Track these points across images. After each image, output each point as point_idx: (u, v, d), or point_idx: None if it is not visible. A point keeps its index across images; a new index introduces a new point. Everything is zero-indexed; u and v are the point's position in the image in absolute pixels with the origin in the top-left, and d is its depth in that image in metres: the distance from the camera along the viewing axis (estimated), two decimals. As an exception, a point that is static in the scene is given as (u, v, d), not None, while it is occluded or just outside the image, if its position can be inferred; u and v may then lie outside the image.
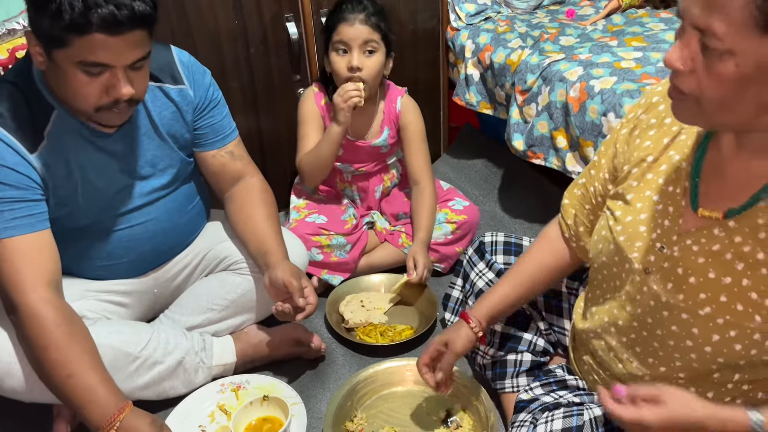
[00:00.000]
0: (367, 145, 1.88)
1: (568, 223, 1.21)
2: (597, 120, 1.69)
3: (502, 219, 2.17)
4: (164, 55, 1.40)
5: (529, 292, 1.25)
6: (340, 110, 1.71)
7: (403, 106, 1.88)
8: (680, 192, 0.96)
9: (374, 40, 1.73)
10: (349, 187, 1.97)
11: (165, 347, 1.43)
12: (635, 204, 1.02)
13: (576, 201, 1.19)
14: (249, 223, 1.53)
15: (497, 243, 1.48)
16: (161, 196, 1.46)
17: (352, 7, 1.73)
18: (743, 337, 0.89)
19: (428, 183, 1.89)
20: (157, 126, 1.40)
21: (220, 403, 1.45)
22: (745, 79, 0.76)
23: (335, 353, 1.65)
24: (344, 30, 1.72)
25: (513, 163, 2.28)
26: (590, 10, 2.33)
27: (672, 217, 0.96)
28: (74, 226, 1.36)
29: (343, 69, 1.74)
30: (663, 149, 1.00)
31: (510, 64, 2.01)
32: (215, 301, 1.54)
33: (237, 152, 1.55)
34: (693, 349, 0.94)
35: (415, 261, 1.74)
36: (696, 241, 0.93)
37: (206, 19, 1.85)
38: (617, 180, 1.08)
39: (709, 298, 0.90)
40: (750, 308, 0.87)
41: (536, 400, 1.17)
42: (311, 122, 1.85)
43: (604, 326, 1.08)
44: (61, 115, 1.27)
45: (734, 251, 0.89)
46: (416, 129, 1.89)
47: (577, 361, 1.22)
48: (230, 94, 1.93)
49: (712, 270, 0.90)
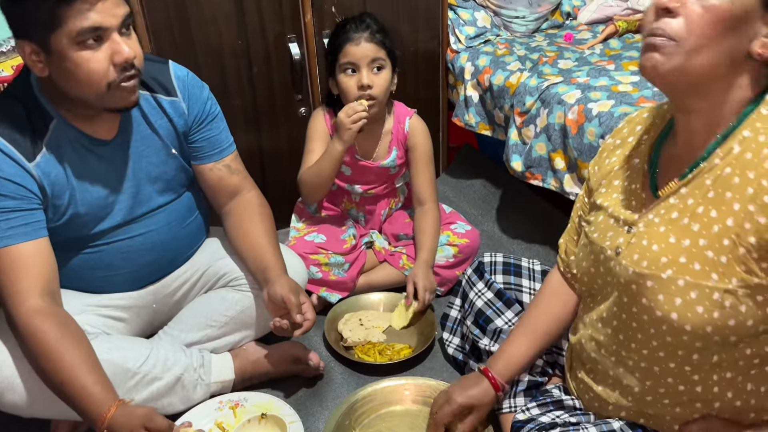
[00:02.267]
0: (376, 165, 1.88)
1: (562, 257, 1.27)
2: (595, 142, 1.71)
3: (501, 239, 2.18)
4: (160, 68, 1.43)
5: (546, 346, 1.29)
6: (346, 130, 1.71)
7: (411, 127, 1.89)
8: (638, 187, 1.07)
9: (381, 57, 1.74)
10: (356, 208, 1.97)
11: (164, 363, 1.42)
12: (604, 205, 1.12)
13: (567, 235, 1.27)
14: (247, 238, 1.53)
15: (496, 263, 1.49)
16: (161, 206, 1.46)
17: (356, 27, 1.74)
18: (703, 297, 0.93)
19: (433, 204, 1.89)
20: (158, 132, 1.42)
21: (218, 420, 1.45)
22: (727, 20, 0.86)
23: (334, 371, 1.65)
24: (351, 50, 1.72)
25: (511, 184, 2.29)
26: (588, 35, 2.36)
27: (635, 208, 1.06)
28: (74, 235, 1.37)
29: (353, 88, 1.74)
30: (626, 158, 1.12)
31: (509, 87, 2.03)
32: (214, 317, 1.54)
33: (234, 166, 1.56)
34: (663, 320, 0.97)
35: (416, 285, 1.74)
36: (656, 214, 1.01)
37: (210, 37, 1.87)
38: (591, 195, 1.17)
39: (670, 261, 0.96)
40: (707, 266, 0.92)
41: (533, 421, 1.17)
42: (318, 139, 1.85)
43: (593, 324, 1.12)
44: (59, 125, 1.29)
45: (690, 214, 0.95)
46: (424, 150, 1.90)
47: (573, 379, 1.23)
48: (232, 111, 1.95)
49: (672, 235, 0.97)
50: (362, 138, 1.79)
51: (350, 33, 1.73)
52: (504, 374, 1.26)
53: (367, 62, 1.72)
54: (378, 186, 1.92)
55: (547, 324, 1.27)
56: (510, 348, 1.27)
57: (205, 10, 1.84)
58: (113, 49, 1.19)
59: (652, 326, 1.00)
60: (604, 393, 1.12)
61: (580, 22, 2.49)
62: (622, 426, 1.08)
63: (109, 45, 1.19)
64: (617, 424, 1.08)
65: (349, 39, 1.73)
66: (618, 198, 1.10)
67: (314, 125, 1.87)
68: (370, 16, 1.79)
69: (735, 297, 0.91)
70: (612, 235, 1.07)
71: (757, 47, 0.88)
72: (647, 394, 1.06)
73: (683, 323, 0.95)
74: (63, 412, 1.35)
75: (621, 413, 1.10)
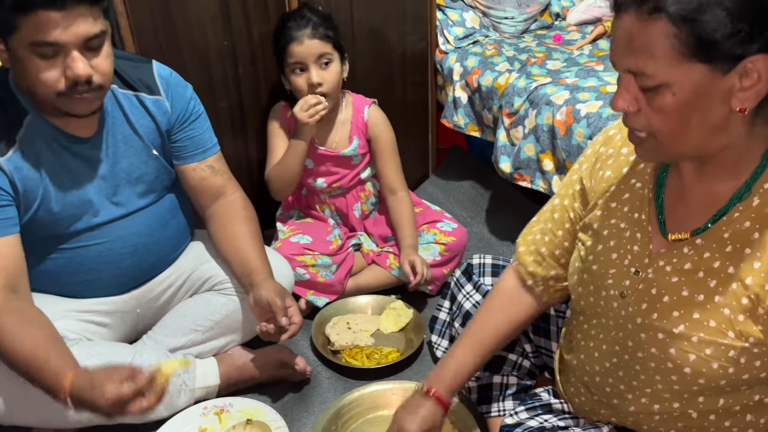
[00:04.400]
0: (336, 154, 1.88)
1: (530, 270, 1.18)
2: (583, 143, 1.70)
3: (490, 241, 2.17)
4: (143, 67, 1.43)
5: (492, 352, 1.22)
6: (305, 125, 1.72)
7: (371, 117, 1.88)
8: (645, 218, 0.99)
9: (327, 51, 1.73)
10: (328, 208, 1.96)
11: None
12: (602, 232, 1.03)
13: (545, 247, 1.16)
14: (232, 241, 1.51)
15: (485, 265, 1.48)
16: (141, 207, 1.45)
17: (297, 24, 1.72)
18: (719, 354, 0.89)
19: (404, 192, 1.92)
20: (139, 133, 1.40)
21: (203, 426, 1.43)
22: (685, 106, 0.80)
23: (321, 376, 1.63)
24: (296, 50, 1.72)
25: (500, 185, 2.28)
26: (577, 35, 2.36)
27: (641, 243, 0.98)
28: (50, 234, 1.35)
29: (304, 87, 1.74)
30: (624, 178, 1.03)
31: (497, 88, 2.02)
32: (199, 322, 1.52)
33: (218, 167, 1.55)
34: (672, 371, 0.94)
35: (412, 263, 1.73)
36: (668, 262, 0.94)
37: (195, 38, 1.85)
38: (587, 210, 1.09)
39: (682, 315, 0.91)
40: (723, 324, 0.88)
41: (521, 425, 1.16)
42: (279, 136, 1.86)
43: (589, 352, 1.08)
44: (35, 120, 1.28)
45: (705, 268, 0.90)
46: (387, 139, 1.90)
47: (563, 383, 1.21)
48: (219, 113, 1.93)
49: (685, 288, 0.91)
50: (321, 126, 1.81)
51: (293, 32, 1.72)
52: (449, 390, 1.18)
53: (314, 60, 1.72)
54: (342, 178, 1.91)
55: (498, 336, 1.20)
56: (456, 362, 1.19)
57: (189, 10, 1.82)
58: (68, 65, 1.17)
59: (658, 374, 0.96)
60: (597, 405, 1.10)
61: (569, 23, 2.49)
62: (611, 430, 1.07)
63: (64, 60, 1.17)
64: (606, 429, 1.07)
65: (292, 38, 1.72)
66: (621, 227, 1.01)
67: (273, 123, 1.88)
68: (309, 8, 1.77)
69: (750, 354, 0.88)
70: (615, 273, 1.00)
71: (736, 105, 0.80)
72: (642, 423, 1.03)
73: (697, 378, 0.92)
74: (45, 419, 1.34)
75: (611, 419, 1.09)
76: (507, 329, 1.21)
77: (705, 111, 0.81)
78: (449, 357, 1.21)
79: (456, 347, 1.21)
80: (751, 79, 0.78)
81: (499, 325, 1.20)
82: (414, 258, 1.74)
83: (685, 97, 0.80)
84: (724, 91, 0.79)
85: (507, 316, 1.21)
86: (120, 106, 1.38)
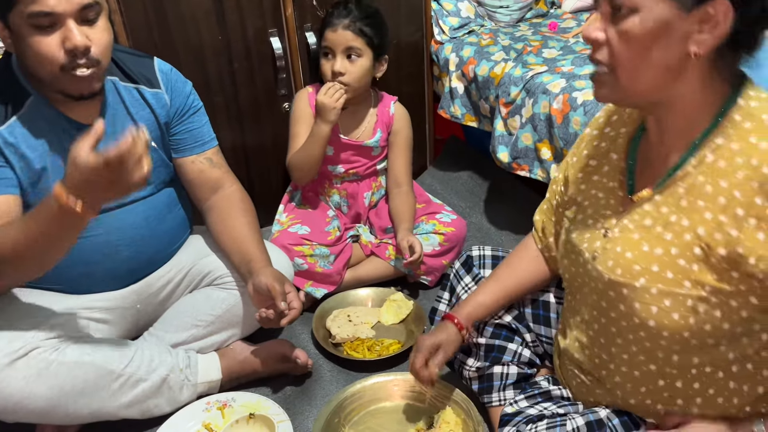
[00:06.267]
0: (359, 144, 1.91)
1: (539, 235, 1.28)
2: (580, 131, 1.70)
3: (489, 231, 2.17)
4: (145, 62, 1.46)
5: (509, 301, 1.31)
6: (331, 110, 1.76)
7: (396, 111, 1.95)
8: (617, 185, 1.05)
9: (357, 46, 1.78)
10: (338, 193, 1.97)
11: (149, 364, 1.41)
12: (583, 203, 1.10)
13: (544, 215, 1.28)
14: (232, 233, 1.52)
15: (485, 257, 1.47)
16: (138, 199, 1.45)
17: (338, 13, 1.80)
18: (677, 304, 0.92)
19: (410, 187, 1.98)
20: (139, 125, 1.40)
21: (206, 421, 1.43)
22: (647, 36, 0.86)
23: (322, 369, 1.64)
24: (329, 35, 1.79)
25: (498, 175, 2.28)
26: (573, 23, 2.35)
27: (612, 207, 1.04)
28: None
29: (328, 72, 1.80)
30: (604, 152, 1.10)
31: (494, 77, 2.02)
32: (200, 316, 1.53)
33: (216, 160, 1.56)
34: (640, 327, 0.97)
35: (409, 242, 1.78)
36: (631, 220, 0.99)
37: (190, 33, 1.85)
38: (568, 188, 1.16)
39: (643, 269, 0.95)
40: (679, 275, 0.92)
41: (521, 413, 1.17)
42: (303, 122, 1.88)
43: (577, 326, 1.12)
44: (37, 102, 1.30)
45: (663, 222, 0.95)
46: (406, 135, 1.97)
47: (561, 367, 1.23)
48: (214, 108, 1.93)
49: (645, 243, 0.96)
50: (347, 117, 1.86)
51: (333, 18, 1.80)
52: (468, 320, 1.29)
53: (342, 49, 1.78)
54: (360, 166, 1.95)
55: (520, 286, 1.30)
56: (477, 298, 1.30)
57: (183, 6, 1.81)
58: (65, 35, 1.19)
59: (630, 332, 1.00)
60: (592, 385, 1.12)
61: (565, 11, 2.48)
62: (608, 414, 1.08)
63: (62, 31, 1.19)
64: (604, 413, 1.08)
65: (330, 24, 1.79)
66: (597, 195, 1.08)
67: (297, 107, 1.90)
68: (357, 3, 1.80)
69: (708, 303, 0.91)
70: (589, 237, 1.06)
71: (692, 47, 0.85)
72: (630, 397, 1.06)
73: (660, 330, 0.95)
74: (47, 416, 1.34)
75: (607, 399, 1.11)
76: (529, 283, 1.30)
77: (665, 49, 0.86)
78: (472, 296, 1.31)
79: (481, 289, 1.31)
80: (709, 24, 0.83)
81: (523, 276, 1.30)
82: (411, 238, 1.79)
83: (649, 26, 0.85)
84: (684, 31, 0.85)
85: (532, 271, 1.30)
86: (121, 99, 1.40)
